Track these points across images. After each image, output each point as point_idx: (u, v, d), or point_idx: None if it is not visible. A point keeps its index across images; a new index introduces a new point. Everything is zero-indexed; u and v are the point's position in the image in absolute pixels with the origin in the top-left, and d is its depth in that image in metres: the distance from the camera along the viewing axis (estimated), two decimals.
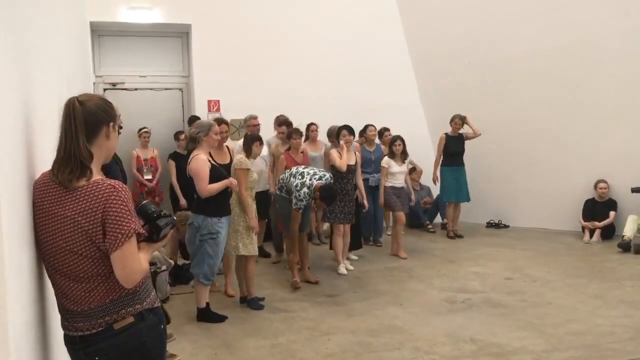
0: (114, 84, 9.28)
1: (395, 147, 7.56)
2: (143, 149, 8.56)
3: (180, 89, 9.69)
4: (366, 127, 8.10)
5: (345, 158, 6.69)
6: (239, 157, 5.60)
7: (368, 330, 4.74)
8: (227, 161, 5.82)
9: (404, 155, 7.61)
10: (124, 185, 2.00)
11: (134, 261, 1.96)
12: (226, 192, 5.06)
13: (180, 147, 7.89)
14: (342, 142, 6.75)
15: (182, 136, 7.82)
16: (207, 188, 4.90)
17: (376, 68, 9.78)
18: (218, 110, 9.18)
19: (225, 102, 9.18)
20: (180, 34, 9.61)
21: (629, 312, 4.94)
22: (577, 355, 4.00)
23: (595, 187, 8.29)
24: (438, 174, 8.86)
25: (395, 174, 7.58)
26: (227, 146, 6.12)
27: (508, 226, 9.46)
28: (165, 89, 9.60)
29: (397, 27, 10.29)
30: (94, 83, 8.62)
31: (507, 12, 8.89)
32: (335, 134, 7.17)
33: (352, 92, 9.39)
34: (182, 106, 9.67)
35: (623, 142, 8.03)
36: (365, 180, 7.54)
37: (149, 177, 8.44)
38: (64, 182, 1.92)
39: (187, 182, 7.38)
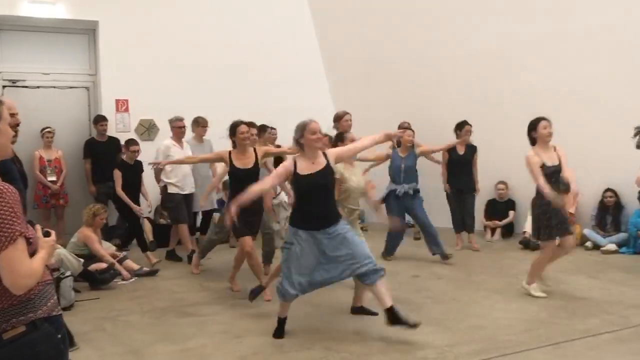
0: (14, 81, 8.80)
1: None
2: (46, 149, 8.28)
3: (87, 88, 9.32)
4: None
5: None
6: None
7: None
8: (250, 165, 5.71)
9: None
10: (11, 188, 1.91)
11: (21, 265, 1.88)
12: (306, 201, 4.47)
13: (128, 157, 7.54)
14: None
15: (133, 148, 7.48)
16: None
17: (288, 71, 9.82)
18: (127, 110, 8.93)
19: (134, 102, 8.94)
20: (86, 31, 9.24)
21: (525, 306, 5.26)
22: (477, 348, 4.21)
23: (495, 187, 8.76)
24: None
25: None
26: (254, 148, 5.90)
27: (414, 225, 9.76)
28: (70, 87, 9.21)
29: (310, 30, 10.40)
30: None
31: (418, 18, 9.21)
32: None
33: (263, 95, 9.38)
34: (89, 105, 9.31)
35: (521, 145, 8.51)
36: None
37: (53, 178, 8.18)
38: None
39: (133, 191, 7.42)
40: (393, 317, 4.36)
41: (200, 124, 7.83)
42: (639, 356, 3.99)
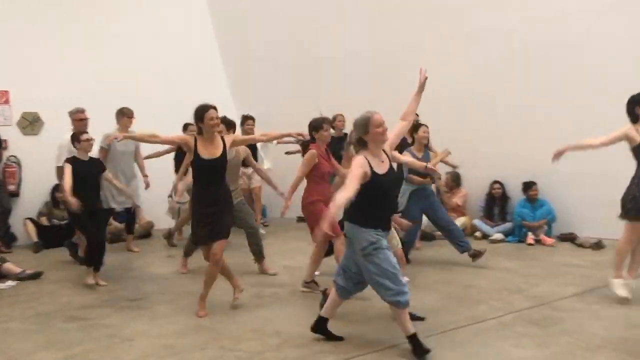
0: None
1: None
2: None
3: None
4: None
5: None
6: None
7: (173, 332, 4.60)
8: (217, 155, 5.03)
9: None
10: None
11: None
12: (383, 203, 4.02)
13: (82, 151, 6.28)
14: None
15: (85, 137, 6.26)
16: None
17: (186, 67, 9.56)
18: (7, 102, 8.32)
19: (16, 93, 8.35)
20: None
21: (422, 296, 5.28)
22: (372, 339, 4.29)
23: None
24: None
25: None
26: (222, 137, 5.18)
27: None
28: None
29: (208, 26, 10.21)
30: None
31: (318, 15, 9.28)
32: None
33: (159, 91, 9.05)
34: None
35: None
36: None
37: None
38: None
39: (90, 197, 6.15)
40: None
41: (125, 114, 7.33)
42: (521, 339, 4.21)
